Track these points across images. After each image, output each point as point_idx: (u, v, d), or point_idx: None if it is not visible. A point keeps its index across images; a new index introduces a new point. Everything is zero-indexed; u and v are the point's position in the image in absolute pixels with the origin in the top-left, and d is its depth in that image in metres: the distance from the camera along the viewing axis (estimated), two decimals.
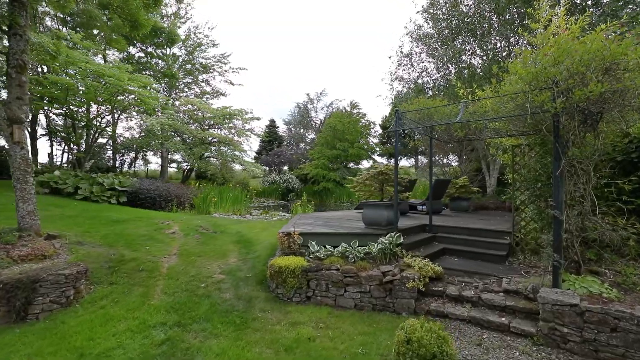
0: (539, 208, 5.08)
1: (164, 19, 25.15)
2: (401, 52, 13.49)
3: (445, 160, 13.37)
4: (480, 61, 12.74)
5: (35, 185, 11.09)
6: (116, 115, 23.38)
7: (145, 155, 27.17)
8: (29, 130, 18.71)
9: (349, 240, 5.35)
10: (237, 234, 7.29)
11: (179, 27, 26.70)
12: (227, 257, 5.96)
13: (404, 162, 31.18)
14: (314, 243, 5.31)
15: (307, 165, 27.48)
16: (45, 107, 12.28)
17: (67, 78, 11.18)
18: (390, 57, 13.80)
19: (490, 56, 11.87)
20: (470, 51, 12.24)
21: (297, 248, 5.32)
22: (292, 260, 4.86)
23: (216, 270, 5.50)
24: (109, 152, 23.80)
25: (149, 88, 15.46)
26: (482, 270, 4.93)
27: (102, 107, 13.69)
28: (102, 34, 21.27)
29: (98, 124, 13.45)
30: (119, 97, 12.96)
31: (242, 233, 7.34)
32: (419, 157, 28.81)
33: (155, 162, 28.46)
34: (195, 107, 18.59)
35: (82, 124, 13.76)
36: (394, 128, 5.22)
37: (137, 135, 23.22)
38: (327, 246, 5.22)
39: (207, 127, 18.68)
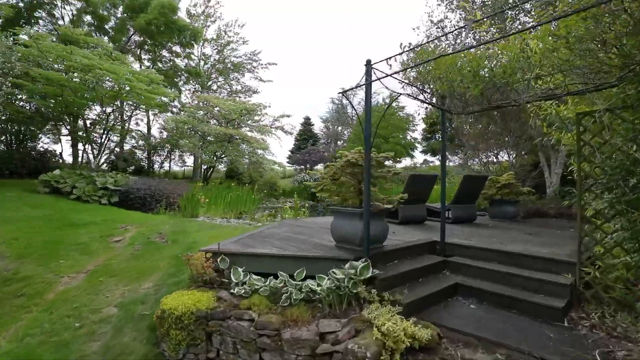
0: (633, 225, 2.68)
1: (194, 20, 25.23)
2: (430, 21, 10.97)
3: (489, 155, 10.55)
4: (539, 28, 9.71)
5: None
6: (151, 116, 23.98)
7: (182, 155, 27.60)
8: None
9: (296, 267, 3.45)
10: (189, 244, 5.76)
11: (209, 26, 26.69)
12: (146, 279, 4.42)
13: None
14: (240, 270, 3.49)
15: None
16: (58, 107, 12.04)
17: (64, 75, 10.79)
18: (417, 28, 11.33)
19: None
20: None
21: (214, 276, 3.55)
22: (186, 298, 3.11)
23: (115, 299, 3.96)
24: (145, 153, 24.43)
25: (162, 85, 14.94)
26: (515, 336, 2.69)
27: (110, 105, 13.29)
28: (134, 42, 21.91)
29: (106, 122, 13.08)
30: (133, 93, 12.39)
31: (197, 243, 5.78)
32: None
33: (191, 163, 28.81)
34: (210, 103, 17.77)
35: (89, 122, 13.56)
36: (363, 83, 3.23)
37: (165, 135, 23.40)
38: (253, 276, 3.37)
39: (224, 125, 17.74)
